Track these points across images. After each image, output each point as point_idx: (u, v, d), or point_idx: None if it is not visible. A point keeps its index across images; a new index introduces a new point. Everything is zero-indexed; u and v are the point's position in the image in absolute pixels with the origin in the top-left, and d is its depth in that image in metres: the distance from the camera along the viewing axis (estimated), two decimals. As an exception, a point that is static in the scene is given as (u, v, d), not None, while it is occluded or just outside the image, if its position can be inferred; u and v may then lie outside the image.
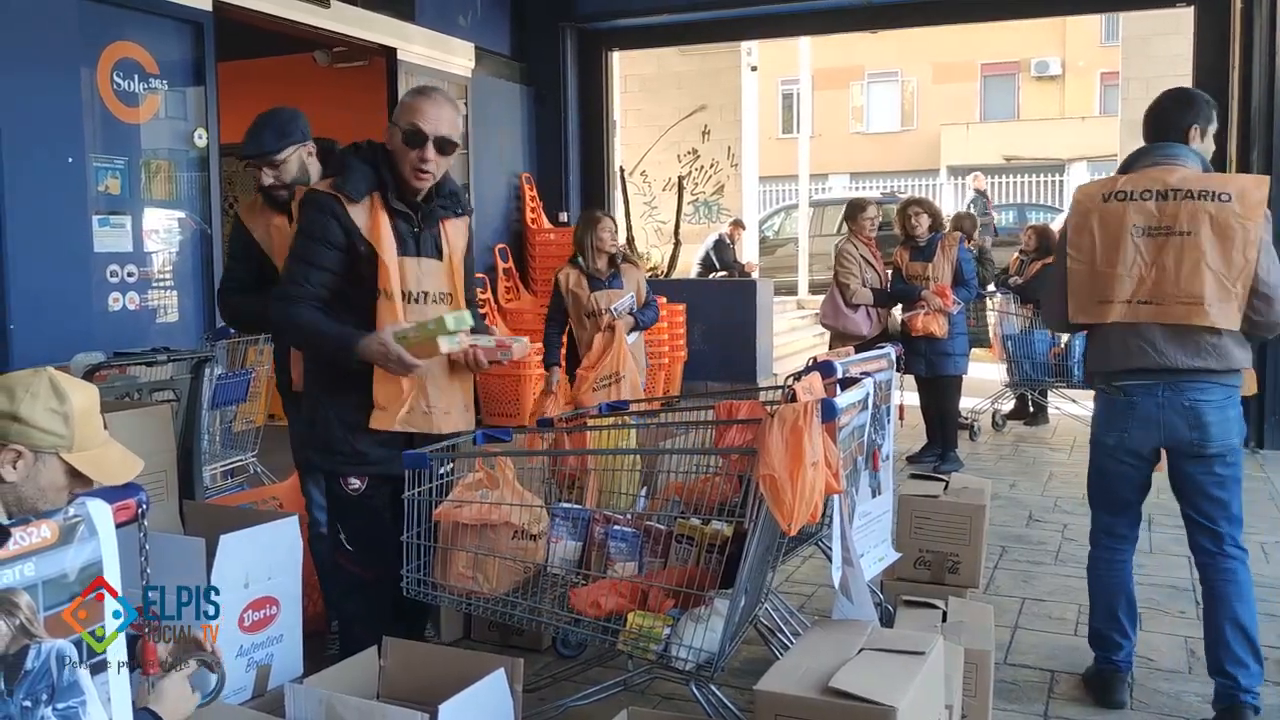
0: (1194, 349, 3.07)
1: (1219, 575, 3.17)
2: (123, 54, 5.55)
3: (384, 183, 2.89)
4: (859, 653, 2.25)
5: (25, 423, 1.80)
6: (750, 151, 13.71)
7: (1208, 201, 3.02)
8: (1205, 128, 3.20)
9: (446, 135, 2.87)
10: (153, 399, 4.51)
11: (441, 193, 3.00)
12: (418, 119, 2.86)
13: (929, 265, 6.59)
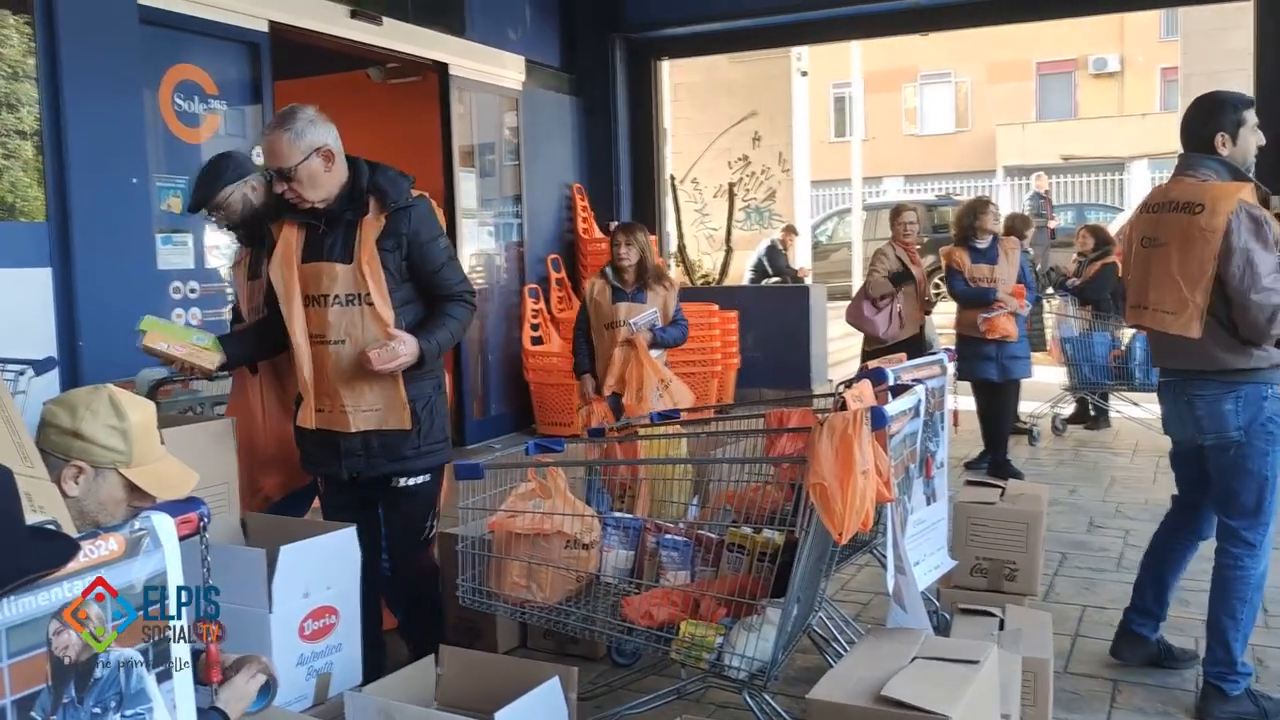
0: (1177, 353, 3.30)
1: (1220, 563, 3.32)
2: (183, 76, 5.69)
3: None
4: (912, 661, 2.24)
5: (86, 439, 1.86)
6: (802, 156, 13.66)
7: (1183, 213, 3.18)
8: (1235, 131, 3.22)
9: (284, 166, 2.98)
10: (214, 412, 4.62)
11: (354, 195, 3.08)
12: (267, 161, 3.07)
13: (995, 268, 6.50)
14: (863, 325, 6.64)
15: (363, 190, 3.05)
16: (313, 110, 3.05)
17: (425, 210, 3.14)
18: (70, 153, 4.89)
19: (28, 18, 4.82)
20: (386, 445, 3.12)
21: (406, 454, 3.13)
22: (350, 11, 6.65)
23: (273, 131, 3.00)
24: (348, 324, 3.04)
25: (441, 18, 7.57)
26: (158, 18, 5.42)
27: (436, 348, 3.09)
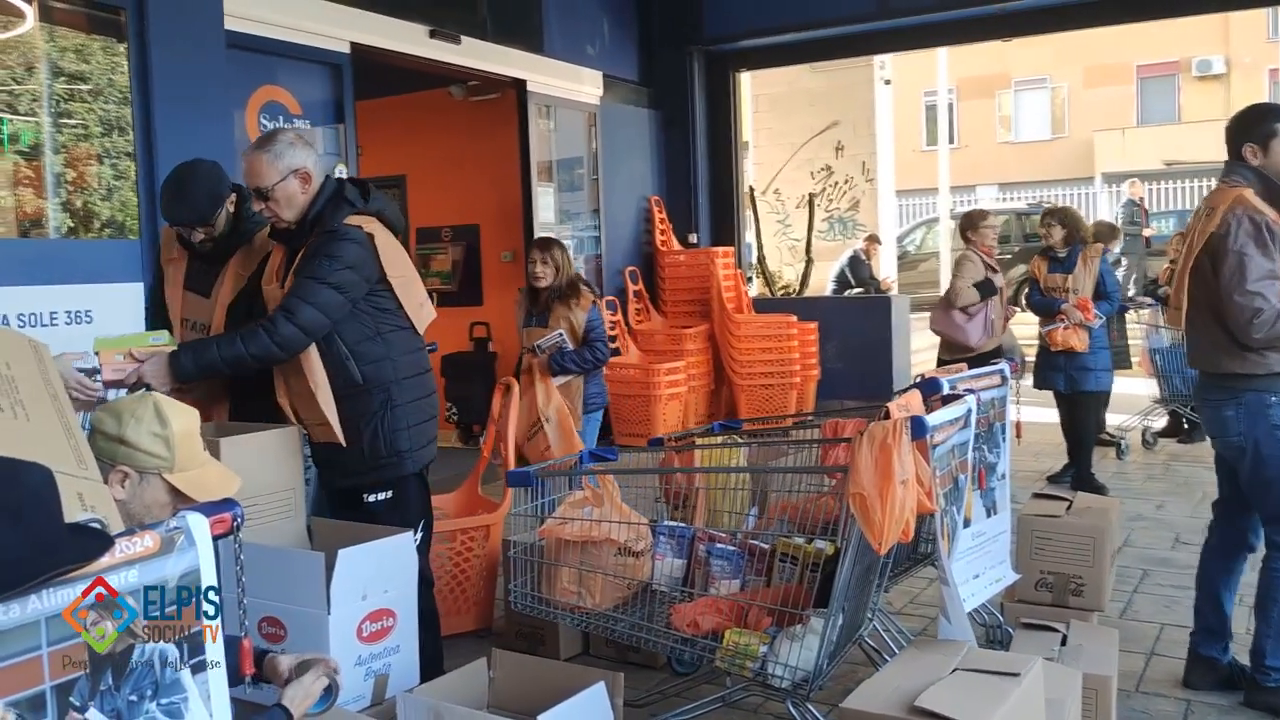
0: (1193, 356, 3.47)
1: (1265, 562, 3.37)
2: (269, 97, 5.90)
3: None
4: (952, 673, 2.22)
5: (131, 445, 1.96)
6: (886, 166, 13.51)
7: (1201, 218, 3.36)
8: (1265, 142, 3.28)
9: (260, 184, 3.11)
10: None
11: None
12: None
13: (1069, 277, 6.37)
14: (953, 333, 6.49)
15: (312, 217, 3.14)
16: (293, 134, 3.20)
17: (339, 238, 3.07)
18: (160, 172, 5.10)
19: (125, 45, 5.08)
20: (332, 460, 3.22)
21: (356, 469, 3.19)
22: (430, 31, 6.81)
23: (253, 152, 3.15)
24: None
25: (520, 36, 7.71)
26: (244, 42, 5.63)
27: (199, 360, 3.01)
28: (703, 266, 8.85)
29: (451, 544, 4.12)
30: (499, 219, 8.42)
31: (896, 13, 8.61)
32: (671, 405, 8.12)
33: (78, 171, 5.64)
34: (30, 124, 5.43)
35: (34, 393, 1.77)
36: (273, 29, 5.80)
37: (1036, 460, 7.35)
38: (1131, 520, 5.77)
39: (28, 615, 1.34)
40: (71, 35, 5.31)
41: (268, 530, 3.11)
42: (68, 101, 5.46)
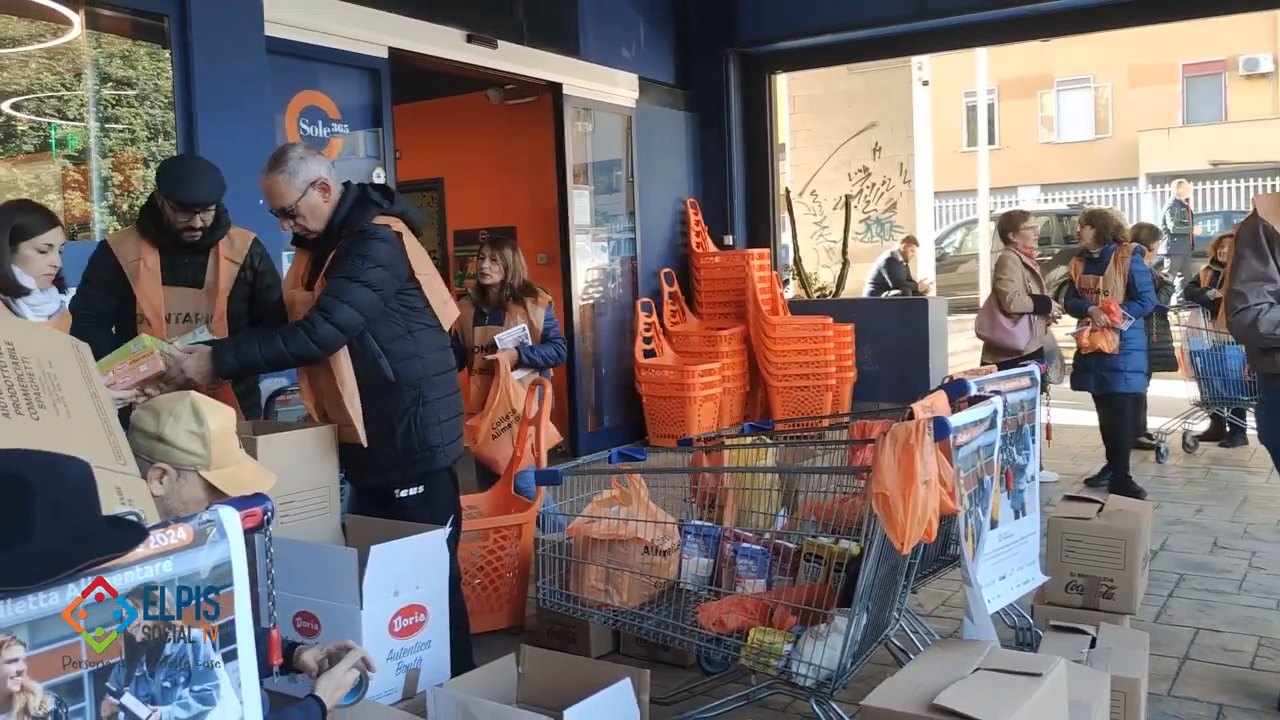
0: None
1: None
2: (309, 102, 6.00)
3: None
4: (974, 672, 2.23)
5: (168, 443, 2.03)
6: (924, 167, 13.44)
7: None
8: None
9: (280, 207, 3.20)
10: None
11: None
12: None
13: (1100, 278, 6.34)
14: (1002, 338, 6.44)
15: (339, 221, 3.20)
16: (301, 148, 3.25)
17: (367, 238, 3.15)
18: (202, 176, 5.21)
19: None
20: (365, 458, 3.23)
21: (386, 464, 3.23)
22: (466, 36, 6.89)
23: (269, 175, 3.17)
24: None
25: (556, 40, 7.77)
26: (284, 47, 5.73)
27: (239, 359, 3.10)
28: (738, 268, 8.86)
29: (484, 542, 4.17)
30: (535, 221, 8.49)
31: (934, 13, 8.57)
32: (706, 407, 8.15)
33: (124, 175, 5.77)
34: (78, 129, 5.57)
35: (75, 391, 1.84)
36: (312, 35, 5.89)
37: (1075, 464, 7.30)
38: (1169, 524, 5.71)
39: (66, 603, 1.39)
40: (117, 41, 5.44)
41: (303, 526, 3.17)
42: (114, 106, 5.59)
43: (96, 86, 5.45)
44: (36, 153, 5.83)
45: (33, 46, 5.54)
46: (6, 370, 1.76)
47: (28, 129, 5.81)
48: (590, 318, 8.30)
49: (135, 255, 3.64)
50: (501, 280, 4.92)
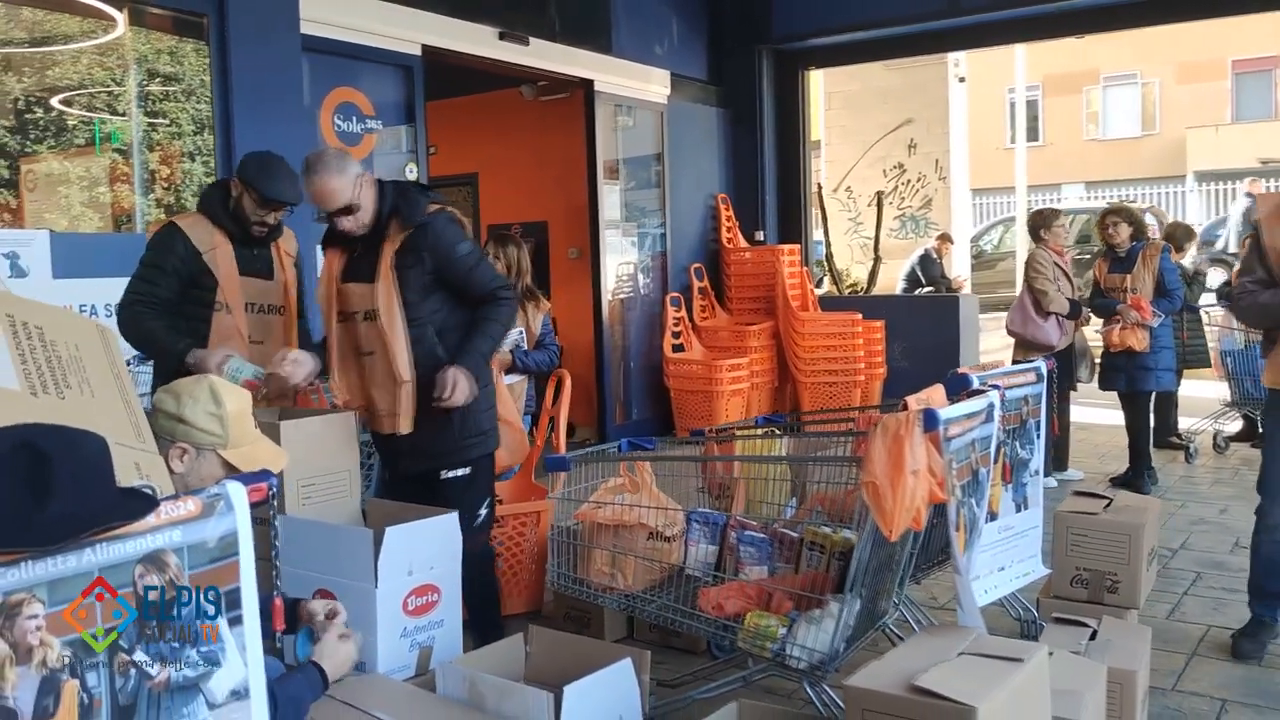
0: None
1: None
2: (343, 98, 6.14)
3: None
4: (957, 656, 2.30)
5: (188, 423, 2.15)
6: (959, 164, 13.39)
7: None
8: None
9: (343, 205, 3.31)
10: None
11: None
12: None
13: (1127, 277, 6.33)
14: (1034, 334, 6.45)
15: (386, 212, 3.31)
16: (332, 149, 3.39)
17: (443, 223, 3.34)
18: (238, 171, 5.36)
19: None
20: (415, 445, 3.35)
21: (443, 450, 3.36)
22: (499, 33, 7.00)
23: (319, 177, 3.25)
24: (374, 337, 3.33)
25: (588, 37, 7.86)
26: (319, 45, 5.87)
27: (480, 357, 3.33)
28: (768, 264, 8.92)
29: (504, 529, 4.28)
30: (566, 216, 8.60)
31: (967, 10, 8.56)
32: (734, 401, 8.21)
33: (170, 169, 5.95)
34: (122, 123, 5.76)
35: (99, 372, 1.96)
36: (347, 32, 6.03)
37: (1102, 463, 7.29)
38: (1193, 523, 5.71)
39: (82, 565, 1.51)
40: (159, 39, 5.61)
41: (325, 509, 3.30)
42: (157, 102, 5.77)
43: (141, 83, 5.63)
44: (84, 146, 6.04)
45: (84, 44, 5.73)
46: (36, 353, 1.89)
47: (77, 124, 6.01)
48: (620, 312, 8.40)
49: (210, 242, 3.62)
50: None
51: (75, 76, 6.03)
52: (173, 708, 1.64)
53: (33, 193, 6.33)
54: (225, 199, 3.68)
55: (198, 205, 3.79)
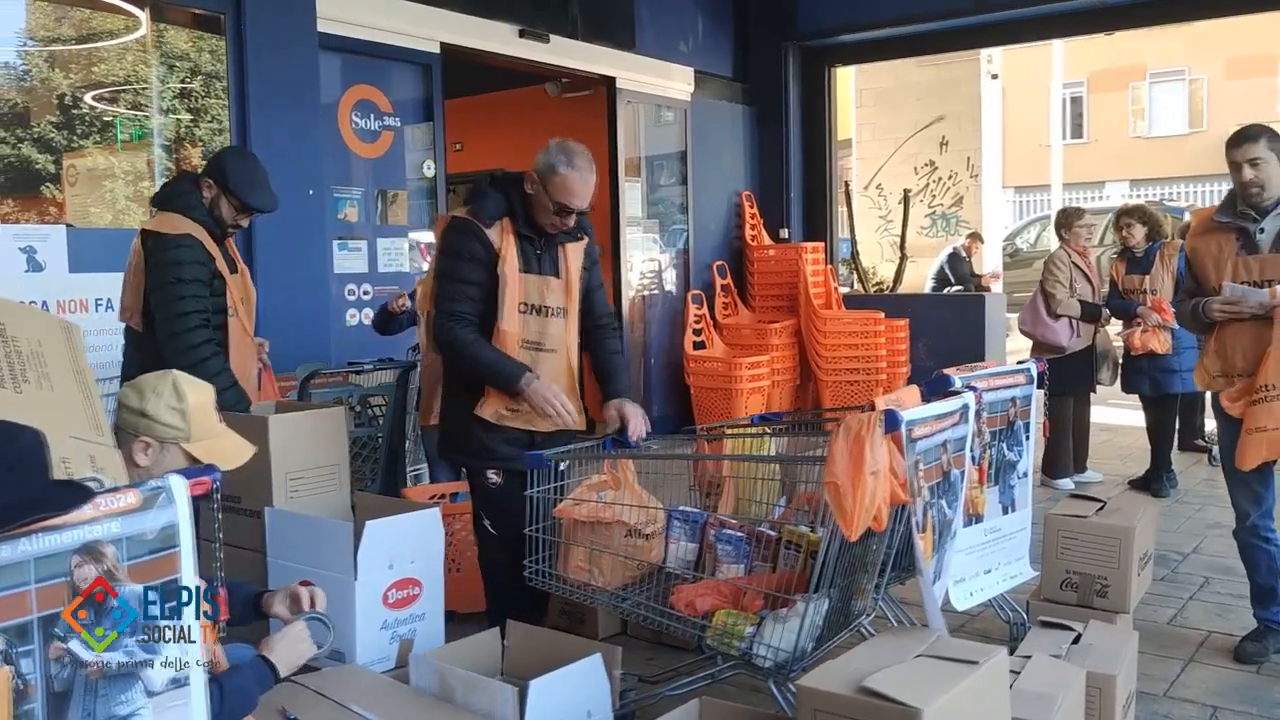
0: None
1: None
2: (361, 96, 6.21)
3: (514, 210, 3.25)
4: (914, 658, 2.30)
5: (150, 418, 2.21)
6: (992, 161, 13.25)
7: None
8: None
9: (586, 208, 3.29)
10: (368, 403, 5.07)
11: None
12: (568, 199, 3.21)
13: (1146, 278, 6.24)
14: (1044, 334, 6.40)
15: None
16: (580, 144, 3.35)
17: (593, 237, 3.48)
18: (254, 169, 5.44)
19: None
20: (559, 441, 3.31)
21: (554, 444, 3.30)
22: (519, 31, 7.04)
23: (591, 173, 3.26)
24: (558, 335, 3.35)
25: (612, 34, 7.88)
26: (338, 43, 5.95)
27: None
28: (792, 261, 8.88)
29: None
30: (591, 213, 8.61)
31: (994, 6, 8.48)
32: (754, 398, 8.19)
33: (192, 166, 6.07)
34: (141, 119, 5.88)
35: (60, 368, 2.02)
36: (365, 30, 6.10)
37: (1124, 464, 7.19)
38: (1208, 527, 5.62)
39: (17, 555, 1.56)
40: (178, 37, 5.72)
41: (312, 502, 3.36)
42: (176, 99, 5.88)
43: (161, 79, 5.74)
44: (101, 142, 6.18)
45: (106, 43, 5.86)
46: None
47: (99, 121, 6.15)
48: (640, 309, 8.41)
49: (212, 250, 3.66)
50: None
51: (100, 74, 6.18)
52: (110, 695, 1.68)
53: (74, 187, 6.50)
54: (199, 198, 3.69)
55: (182, 210, 3.66)
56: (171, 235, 3.55)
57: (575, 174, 3.22)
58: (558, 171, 3.22)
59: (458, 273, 3.25)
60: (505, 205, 3.26)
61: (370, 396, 5.02)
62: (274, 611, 2.33)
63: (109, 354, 4.52)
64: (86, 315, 4.92)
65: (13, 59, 5.96)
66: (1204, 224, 3.78)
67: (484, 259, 3.24)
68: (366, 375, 4.95)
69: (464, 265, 3.25)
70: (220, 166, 3.75)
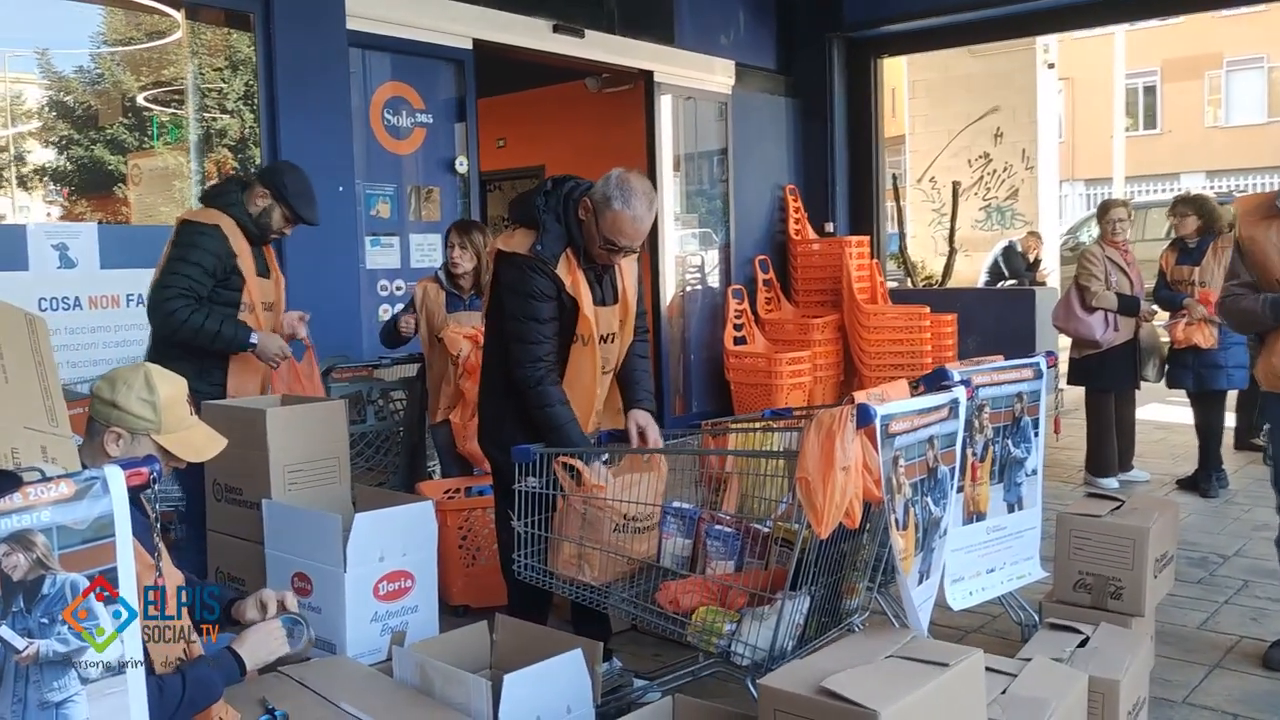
0: None
1: None
2: (393, 93, 6.26)
3: (574, 239, 3.18)
4: (884, 659, 2.24)
5: (121, 409, 2.23)
6: (1048, 153, 12.91)
7: None
8: None
9: (636, 249, 3.21)
10: (390, 397, 5.10)
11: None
12: (617, 237, 3.13)
13: (1195, 269, 6.03)
14: (1078, 329, 6.22)
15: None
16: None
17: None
18: (282, 163, 5.51)
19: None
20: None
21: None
22: (553, 26, 7.04)
23: (649, 214, 3.14)
24: (617, 354, 3.39)
25: (650, 28, 7.84)
26: (369, 41, 6.00)
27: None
28: (836, 256, 8.76)
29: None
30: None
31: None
32: (794, 395, 8.10)
33: (228, 164, 6.18)
34: (176, 119, 5.99)
35: (20, 358, 2.06)
36: (396, 27, 6.14)
37: (1174, 463, 6.97)
38: (1255, 529, 5.41)
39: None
40: (209, 38, 5.81)
41: (310, 494, 3.39)
42: (208, 99, 5.98)
43: (195, 80, 5.85)
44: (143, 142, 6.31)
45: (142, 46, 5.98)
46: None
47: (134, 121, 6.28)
48: (680, 304, 8.37)
49: (241, 248, 3.83)
50: (475, 267, 4.71)
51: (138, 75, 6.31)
52: (42, 681, 1.70)
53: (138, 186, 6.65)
54: (242, 199, 3.85)
55: (221, 207, 3.86)
56: (197, 222, 3.77)
57: (629, 213, 3.10)
58: (612, 207, 3.11)
59: (536, 313, 3.14)
60: (565, 236, 3.17)
61: (392, 391, 5.06)
62: (246, 619, 2.35)
63: (140, 349, 4.62)
64: (119, 310, 5.02)
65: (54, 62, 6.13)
66: (1263, 209, 3.56)
67: (556, 296, 3.17)
68: (388, 370, 4.98)
69: (539, 305, 3.14)
70: (278, 179, 3.92)
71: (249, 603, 2.38)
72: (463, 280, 4.74)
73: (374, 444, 4.92)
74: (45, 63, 5.70)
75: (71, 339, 4.87)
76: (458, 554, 4.17)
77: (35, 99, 6.36)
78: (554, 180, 3.29)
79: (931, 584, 2.78)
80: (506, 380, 3.24)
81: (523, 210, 3.28)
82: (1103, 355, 6.17)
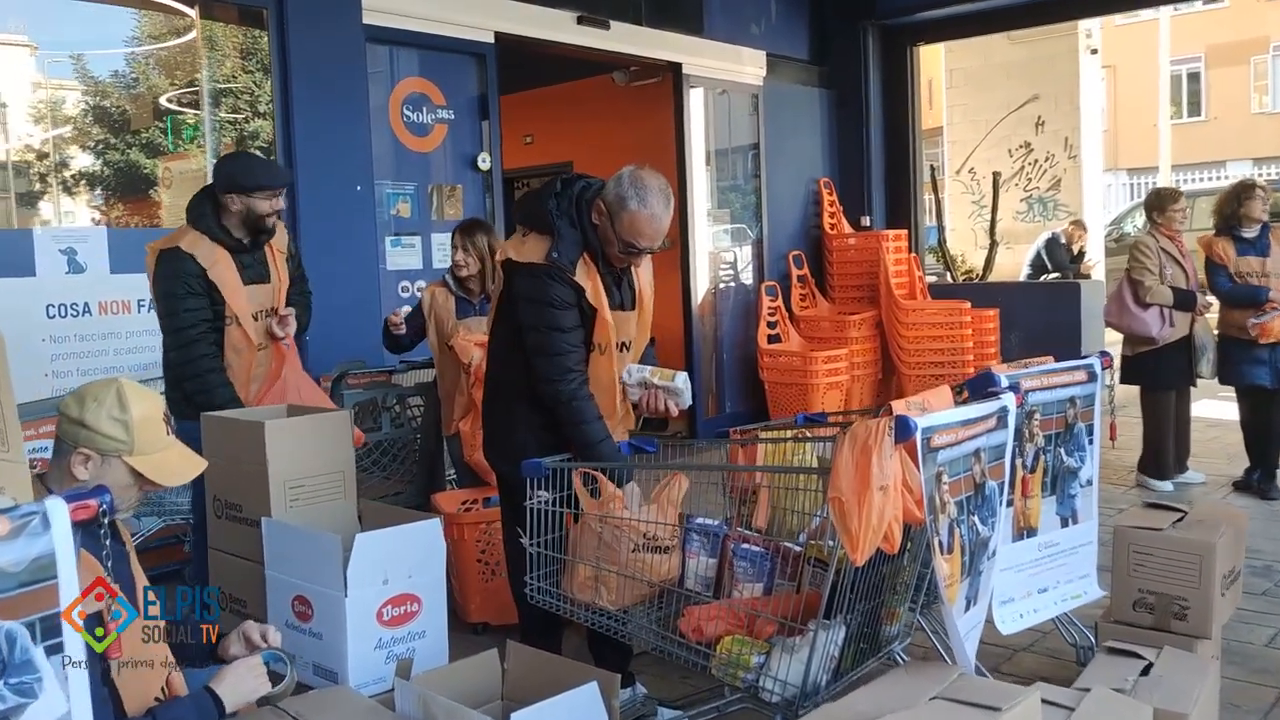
0: None
1: None
2: (413, 89, 6.08)
3: (590, 242, 2.99)
4: (928, 701, 2.00)
5: (90, 428, 2.04)
6: (1092, 142, 12.51)
7: None
8: None
9: (656, 248, 3.01)
10: (406, 404, 4.92)
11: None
12: (635, 238, 2.94)
13: (1266, 260, 5.70)
14: (1132, 325, 5.93)
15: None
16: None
17: None
18: (297, 162, 5.35)
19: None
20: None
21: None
22: (577, 18, 6.83)
23: (666, 211, 2.98)
24: (631, 357, 3.21)
25: (679, 19, 7.62)
26: (387, 35, 5.83)
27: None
28: (873, 250, 8.48)
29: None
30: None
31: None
32: (831, 394, 7.85)
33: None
34: (192, 119, 5.85)
35: (-29, 379, 1.88)
36: (415, 21, 5.96)
37: (1230, 464, 6.63)
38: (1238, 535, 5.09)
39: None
40: (224, 35, 5.66)
41: (317, 510, 3.20)
42: (222, 97, 5.83)
43: (209, 78, 5.70)
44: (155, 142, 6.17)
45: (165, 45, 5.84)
46: (-97, 358, 1.82)
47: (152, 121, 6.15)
48: (712, 302, 8.14)
49: (211, 259, 3.63)
50: (480, 270, 4.53)
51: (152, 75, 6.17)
52: (-24, 743, 1.52)
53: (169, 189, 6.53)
54: (216, 210, 3.67)
55: (191, 221, 3.73)
56: (163, 250, 3.63)
57: (646, 212, 2.91)
58: (628, 207, 2.91)
59: (560, 323, 2.95)
60: (581, 241, 2.98)
61: (409, 397, 4.88)
62: (229, 654, 2.17)
63: (152, 355, 4.49)
64: (130, 316, 4.89)
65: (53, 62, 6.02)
66: None
67: (576, 303, 2.98)
68: (404, 376, 4.80)
69: (561, 314, 2.95)
70: (223, 180, 3.72)
71: (232, 637, 2.19)
72: (470, 284, 4.56)
73: (390, 452, 4.74)
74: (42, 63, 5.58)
75: (81, 346, 4.75)
76: (475, 568, 3.97)
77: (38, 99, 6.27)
78: (563, 181, 3.09)
79: (980, 610, 2.55)
80: (513, 390, 3.05)
81: (531, 214, 3.08)
82: (1158, 352, 5.87)
